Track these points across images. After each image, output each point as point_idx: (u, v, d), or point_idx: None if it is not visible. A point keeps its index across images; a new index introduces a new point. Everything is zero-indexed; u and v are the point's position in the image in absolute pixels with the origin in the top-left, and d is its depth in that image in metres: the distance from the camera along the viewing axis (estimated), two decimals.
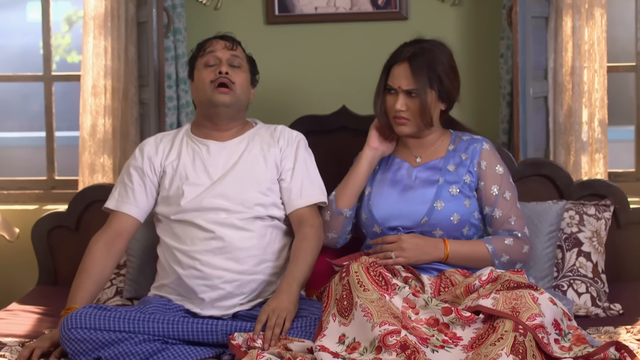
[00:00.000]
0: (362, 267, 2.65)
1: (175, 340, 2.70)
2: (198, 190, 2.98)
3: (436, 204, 2.94)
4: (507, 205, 2.98)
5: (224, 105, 3.01)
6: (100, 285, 2.98)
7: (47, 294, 3.54)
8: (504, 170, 3.01)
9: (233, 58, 3.04)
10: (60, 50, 7.84)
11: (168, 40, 3.80)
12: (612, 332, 2.93)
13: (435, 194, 2.95)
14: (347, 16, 3.87)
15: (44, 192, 4.11)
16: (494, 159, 3.01)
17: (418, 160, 3.04)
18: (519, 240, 2.97)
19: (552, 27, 3.70)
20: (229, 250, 2.90)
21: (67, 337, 2.66)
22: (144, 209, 3.07)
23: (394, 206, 2.98)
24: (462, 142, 3.04)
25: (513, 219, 2.98)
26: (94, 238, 3.06)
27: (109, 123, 3.82)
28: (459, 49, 3.58)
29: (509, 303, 2.52)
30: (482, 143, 3.03)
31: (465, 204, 2.96)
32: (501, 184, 2.99)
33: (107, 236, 3.05)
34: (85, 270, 2.97)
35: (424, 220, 2.94)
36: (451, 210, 2.94)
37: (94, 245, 3.03)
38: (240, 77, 3.03)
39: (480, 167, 2.99)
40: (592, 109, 3.67)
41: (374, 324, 2.49)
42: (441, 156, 3.03)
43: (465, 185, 2.98)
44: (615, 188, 3.49)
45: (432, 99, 2.94)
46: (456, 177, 2.98)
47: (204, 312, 2.89)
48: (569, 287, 3.23)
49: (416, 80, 2.92)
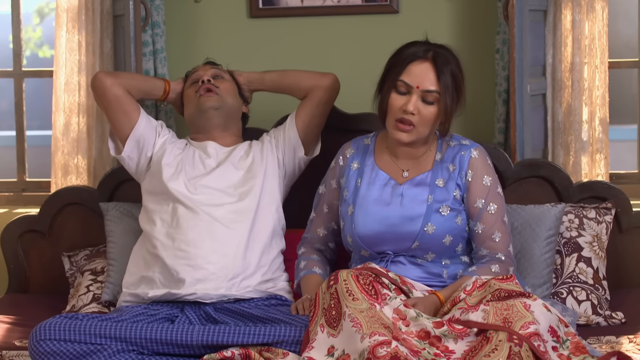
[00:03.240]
0: (351, 275, 2.64)
1: (151, 350, 2.71)
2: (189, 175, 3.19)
3: (427, 227, 2.88)
4: (491, 219, 2.91)
5: (212, 108, 3.24)
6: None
7: (18, 302, 3.52)
8: (491, 181, 2.94)
9: (215, 72, 3.34)
10: (31, 45, 7.80)
11: (146, 34, 3.79)
12: (613, 341, 2.93)
13: (425, 215, 2.88)
14: (335, 9, 3.87)
15: (14, 194, 4.09)
16: (482, 168, 2.94)
17: (405, 174, 2.96)
18: (504, 263, 2.90)
19: (550, 21, 3.70)
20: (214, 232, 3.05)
21: (37, 351, 2.65)
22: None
23: (380, 229, 2.91)
24: (449, 150, 2.97)
25: (497, 235, 2.91)
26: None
27: (84, 122, 3.81)
28: (453, 43, 3.55)
29: (500, 315, 2.52)
30: (471, 150, 2.95)
31: (457, 222, 2.91)
32: (487, 196, 2.92)
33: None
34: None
35: (415, 246, 2.89)
36: (443, 233, 2.89)
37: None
38: (223, 84, 3.31)
39: (467, 177, 2.93)
40: (592, 107, 3.68)
41: (363, 335, 2.48)
42: (429, 169, 2.96)
43: (455, 202, 2.92)
44: (617, 190, 3.49)
45: (449, 110, 2.86)
46: (446, 194, 2.91)
47: (185, 291, 2.96)
48: (568, 294, 3.23)
49: (440, 83, 2.84)
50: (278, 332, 2.70)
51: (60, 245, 3.66)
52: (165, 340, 2.70)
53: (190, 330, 2.72)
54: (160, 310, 2.98)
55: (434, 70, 2.85)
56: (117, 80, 3.30)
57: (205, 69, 3.37)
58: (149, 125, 3.30)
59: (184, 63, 3.65)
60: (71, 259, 3.57)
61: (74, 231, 3.67)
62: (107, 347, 2.67)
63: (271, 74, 3.45)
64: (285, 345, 2.69)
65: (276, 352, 2.67)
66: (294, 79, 3.41)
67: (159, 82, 3.41)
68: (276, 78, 3.44)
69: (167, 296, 3.00)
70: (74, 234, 3.66)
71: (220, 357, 2.66)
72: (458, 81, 2.88)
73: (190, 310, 2.97)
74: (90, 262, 3.50)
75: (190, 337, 2.70)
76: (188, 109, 3.33)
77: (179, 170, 3.19)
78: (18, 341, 3.05)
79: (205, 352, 2.70)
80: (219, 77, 3.32)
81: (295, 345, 2.68)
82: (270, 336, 2.69)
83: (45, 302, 3.52)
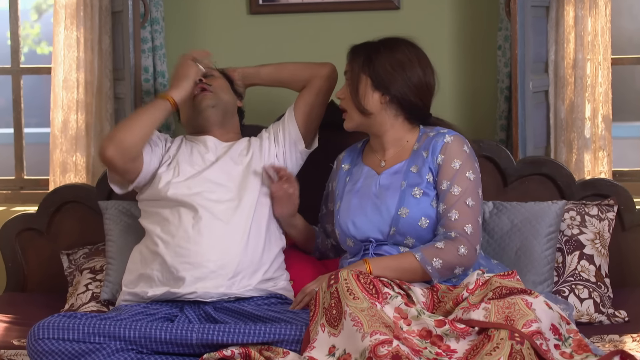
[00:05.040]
0: (351, 274, 2.65)
1: (150, 350, 2.72)
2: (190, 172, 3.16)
3: (400, 211, 2.92)
4: (452, 199, 2.90)
5: (209, 106, 3.23)
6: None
7: (16, 301, 3.53)
8: (460, 165, 2.93)
9: (205, 72, 3.28)
10: (29, 41, 7.82)
11: (145, 30, 3.80)
12: (616, 340, 2.94)
13: (399, 200, 2.93)
14: (336, 5, 3.87)
15: (12, 192, 4.10)
16: (454, 153, 2.94)
17: (382, 164, 3.04)
18: (453, 241, 2.85)
19: (553, 17, 3.70)
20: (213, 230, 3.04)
21: (35, 350, 2.66)
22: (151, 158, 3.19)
23: (361, 220, 2.98)
24: (427, 140, 3.00)
25: (454, 214, 2.88)
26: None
27: (82, 119, 3.82)
28: (454, 39, 3.59)
29: (502, 313, 2.53)
30: (445, 136, 2.97)
31: (432, 205, 2.93)
32: (452, 178, 2.91)
33: None
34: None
35: (392, 231, 2.92)
36: (417, 215, 2.91)
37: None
38: (216, 81, 3.28)
39: (437, 161, 2.95)
40: (595, 104, 3.68)
41: (364, 334, 2.49)
42: (405, 158, 3.01)
43: (429, 185, 2.95)
44: (620, 188, 3.50)
45: (363, 85, 2.99)
46: (418, 179, 2.95)
47: (185, 290, 2.96)
48: (570, 292, 3.24)
49: (349, 63, 3.04)
50: (278, 331, 2.71)
51: (59, 243, 3.67)
52: (165, 339, 2.71)
53: (190, 329, 2.72)
54: (159, 309, 2.98)
55: (349, 55, 3.08)
56: (125, 147, 3.04)
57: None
58: (154, 157, 3.20)
59: None
60: (70, 257, 3.58)
61: (73, 229, 3.67)
62: (105, 346, 2.67)
63: (267, 67, 3.45)
64: (285, 344, 2.69)
65: (276, 351, 2.67)
66: (291, 70, 3.41)
67: (161, 104, 3.13)
68: (273, 71, 3.44)
69: (167, 295, 3.00)
70: (72, 232, 3.67)
71: (220, 356, 2.67)
72: (372, 58, 3.00)
73: (189, 310, 2.98)
74: (89, 261, 3.51)
75: (189, 336, 2.71)
76: (185, 112, 3.32)
77: (176, 174, 3.16)
78: (16, 340, 3.06)
79: (205, 351, 2.71)
80: (210, 76, 3.31)
81: (295, 344, 2.68)
82: (270, 335, 2.70)
83: (44, 300, 3.52)
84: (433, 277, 2.83)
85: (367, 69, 2.99)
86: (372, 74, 2.98)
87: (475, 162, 2.98)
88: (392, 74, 2.98)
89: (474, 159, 2.98)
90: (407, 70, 2.99)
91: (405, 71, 2.98)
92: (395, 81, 2.98)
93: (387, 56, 2.99)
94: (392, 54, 3.00)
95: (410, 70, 2.99)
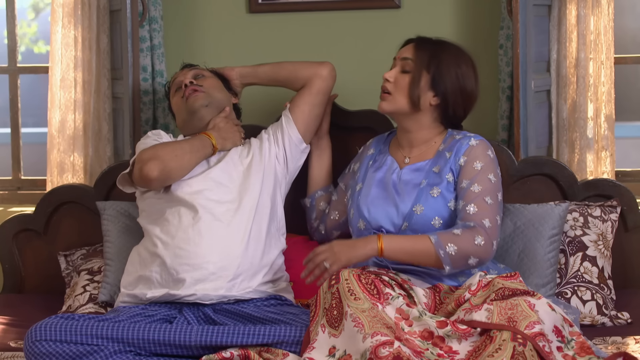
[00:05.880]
0: (353, 274, 2.65)
1: (148, 351, 2.72)
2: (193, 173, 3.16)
3: (415, 207, 2.95)
4: (471, 195, 2.92)
5: (202, 106, 3.24)
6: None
7: (13, 303, 3.53)
8: (482, 167, 2.96)
9: (195, 73, 3.34)
10: (26, 40, 7.82)
11: (143, 29, 3.79)
12: (619, 342, 2.94)
13: (416, 197, 2.97)
14: (336, 4, 3.86)
15: (9, 192, 4.09)
16: (477, 155, 2.98)
17: (406, 160, 3.07)
18: (471, 230, 2.86)
19: (555, 16, 3.70)
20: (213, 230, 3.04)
21: (32, 352, 2.66)
22: None
23: (377, 208, 3.01)
24: (453, 141, 3.04)
25: (472, 207, 2.90)
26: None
27: (80, 119, 3.81)
28: (455, 38, 3.56)
29: (504, 314, 2.53)
30: (471, 139, 3.02)
31: (449, 206, 2.95)
32: (473, 178, 2.94)
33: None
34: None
35: (405, 226, 2.95)
36: (431, 214, 2.94)
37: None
38: (206, 82, 3.31)
39: (459, 162, 2.99)
40: (598, 104, 3.68)
41: (365, 335, 2.49)
42: (429, 158, 3.05)
43: (449, 186, 2.97)
44: (622, 188, 3.49)
45: (424, 81, 3.00)
46: (438, 179, 2.98)
47: (185, 292, 2.96)
48: (573, 294, 3.24)
49: (415, 53, 3.03)
50: (278, 332, 2.71)
51: (56, 244, 3.66)
52: (164, 340, 2.71)
53: (189, 330, 2.72)
54: (158, 311, 2.98)
55: (415, 44, 3.07)
56: (171, 177, 3.10)
57: (184, 73, 3.36)
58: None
59: (182, 59, 3.65)
60: (67, 259, 3.57)
61: (70, 230, 3.67)
62: (104, 347, 2.67)
63: (265, 66, 3.45)
64: (285, 345, 2.69)
65: (276, 352, 2.67)
66: (290, 70, 3.41)
67: (208, 148, 3.19)
68: (271, 70, 3.44)
69: (166, 297, 2.99)
70: (70, 233, 3.66)
71: (219, 358, 2.67)
72: (441, 59, 3.01)
73: (188, 312, 2.97)
74: (87, 262, 3.50)
75: (188, 337, 2.70)
76: (180, 116, 3.32)
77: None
78: (13, 342, 3.05)
79: (204, 352, 2.71)
80: (200, 76, 3.32)
81: (295, 345, 2.69)
82: (270, 336, 2.70)
83: (41, 302, 3.52)
84: (445, 264, 2.82)
85: (432, 67, 3.01)
86: (435, 74, 3.01)
87: (497, 169, 3.02)
88: (453, 82, 3.02)
89: (496, 165, 3.03)
90: (466, 83, 3.04)
91: (465, 83, 3.03)
92: (453, 89, 3.02)
93: (453, 64, 3.03)
94: (457, 62, 3.04)
95: (468, 83, 3.04)
